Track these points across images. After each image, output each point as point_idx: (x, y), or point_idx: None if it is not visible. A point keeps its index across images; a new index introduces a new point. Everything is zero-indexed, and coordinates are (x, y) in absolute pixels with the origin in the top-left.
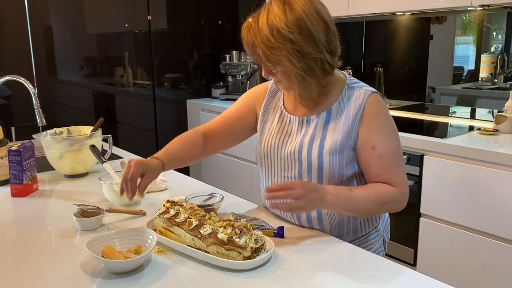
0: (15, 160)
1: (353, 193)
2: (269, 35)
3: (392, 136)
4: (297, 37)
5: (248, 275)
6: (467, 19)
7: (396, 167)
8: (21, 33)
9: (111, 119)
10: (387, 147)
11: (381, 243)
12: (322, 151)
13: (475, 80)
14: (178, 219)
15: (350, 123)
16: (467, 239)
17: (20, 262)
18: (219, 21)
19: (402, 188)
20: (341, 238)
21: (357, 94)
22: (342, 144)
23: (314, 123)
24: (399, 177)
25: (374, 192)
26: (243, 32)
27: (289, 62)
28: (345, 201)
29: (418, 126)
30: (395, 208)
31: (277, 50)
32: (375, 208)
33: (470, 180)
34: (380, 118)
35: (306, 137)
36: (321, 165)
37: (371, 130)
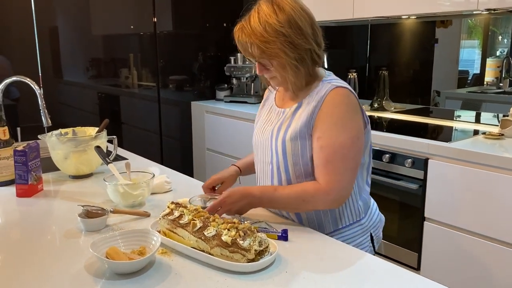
0: (20, 161)
1: (277, 192)
2: (262, 31)
3: (342, 131)
4: (288, 30)
5: (252, 277)
6: (472, 23)
7: (334, 162)
8: (27, 34)
9: (115, 120)
10: (331, 140)
11: (367, 238)
12: (285, 137)
13: (480, 84)
14: (182, 220)
15: (309, 113)
16: (471, 244)
17: (24, 262)
18: (224, 23)
19: (328, 185)
20: (322, 228)
21: (323, 88)
22: (301, 131)
23: (286, 113)
24: (331, 173)
25: (297, 190)
26: (236, 34)
27: (283, 54)
28: (269, 200)
29: (423, 130)
30: (321, 205)
31: (272, 44)
32: (298, 205)
33: (475, 184)
34: (334, 111)
35: (276, 125)
36: (284, 150)
37: (322, 122)
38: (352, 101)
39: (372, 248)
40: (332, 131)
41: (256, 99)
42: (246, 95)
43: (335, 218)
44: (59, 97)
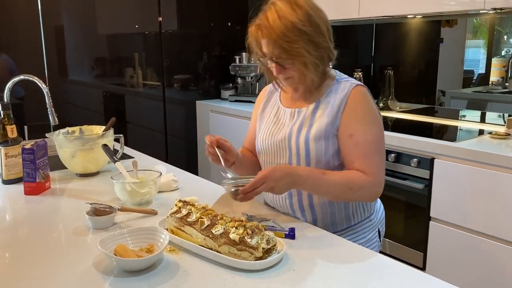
0: (28, 159)
1: (325, 175)
2: (285, 30)
3: (372, 127)
4: (309, 29)
5: (260, 275)
6: (477, 23)
7: (371, 156)
8: (34, 33)
9: (121, 119)
10: (365, 136)
11: (376, 234)
12: (308, 137)
13: (485, 84)
14: (190, 218)
15: (334, 112)
16: (477, 243)
17: (33, 260)
18: (229, 23)
19: (375, 177)
20: (334, 226)
21: (343, 86)
22: (327, 130)
23: (303, 114)
24: (373, 166)
25: (345, 177)
26: (253, 33)
27: (307, 53)
28: (314, 183)
29: (428, 130)
30: (365, 196)
31: (295, 43)
32: (343, 192)
33: (481, 184)
34: (361, 108)
35: (295, 126)
36: (307, 150)
37: (351, 120)
38: (371, 99)
39: (380, 243)
40: (363, 127)
41: None
42: (251, 94)
43: (348, 215)
44: (64, 96)
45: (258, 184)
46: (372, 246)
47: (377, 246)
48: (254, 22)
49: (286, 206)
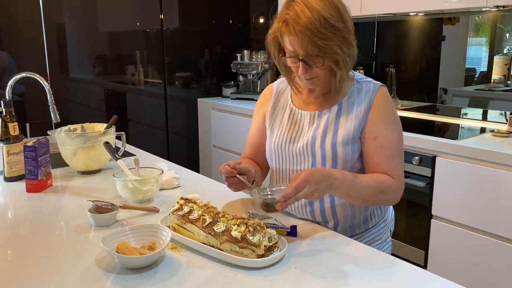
0: (30, 156)
1: (357, 179)
2: (320, 27)
3: (395, 129)
4: (342, 25)
5: (262, 273)
6: (480, 20)
7: (395, 159)
8: (35, 31)
9: (122, 117)
10: (389, 138)
11: (389, 234)
12: (335, 142)
13: (487, 81)
14: (192, 216)
15: (361, 114)
16: (478, 241)
17: (35, 257)
18: (230, 20)
19: (400, 180)
20: (353, 228)
21: (366, 88)
22: (354, 134)
23: (326, 117)
24: (397, 169)
25: (375, 180)
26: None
27: (340, 50)
28: (349, 187)
29: (430, 127)
30: (392, 200)
31: (329, 40)
32: (374, 196)
33: (483, 182)
34: (386, 110)
35: (318, 130)
36: (335, 156)
37: (376, 121)
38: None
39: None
40: (388, 130)
41: None
42: (252, 92)
43: (366, 218)
44: (66, 94)
45: (300, 187)
46: (387, 245)
47: (389, 246)
48: (278, 17)
49: (306, 213)
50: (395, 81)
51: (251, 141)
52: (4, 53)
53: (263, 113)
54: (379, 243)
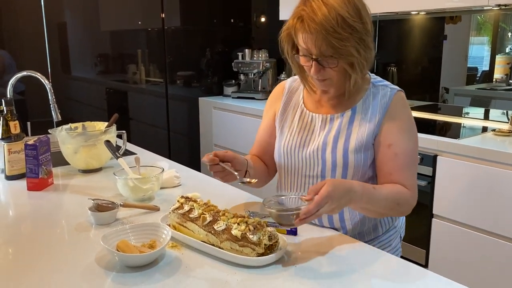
0: (31, 154)
1: (376, 191)
2: (336, 26)
3: (411, 137)
4: (360, 26)
5: (262, 271)
6: (482, 19)
7: (409, 168)
8: (37, 30)
9: (123, 116)
10: (404, 147)
11: (399, 241)
12: (347, 149)
13: (489, 81)
14: (192, 214)
15: (375, 121)
16: (479, 241)
17: (35, 255)
18: (232, 19)
19: (414, 191)
20: (362, 235)
21: (383, 93)
22: (367, 141)
23: (339, 121)
24: (411, 179)
25: (393, 191)
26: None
27: (356, 52)
28: (367, 200)
29: (431, 127)
30: (406, 211)
31: (346, 41)
32: (391, 208)
33: (484, 181)
34: (403, 117)
35: (330, 135)
36: (346, 163)
37: (392, 128)
38: (408, 104)
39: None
40: (404, 138)
41: (263, 95)
42: (253, 91)
43: (375, 225)
44: (67, 93)
45: (322, 203)
46: (396, 252)
47: (399, 252)
48: (294, 13)
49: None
50: (396, 80)
51: (259, 140)
52: (4, 51)
53: (274, 111)
54: (388, 250)
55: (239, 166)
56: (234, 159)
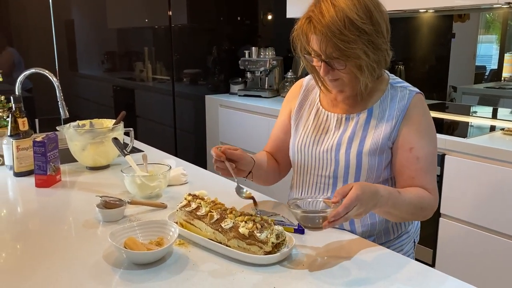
0: (39, 151)
1: (401, 196)
2: (342, 28)
3: (431, 140)
4: (370, 28)
5: (269, 270)
6: (490, 18)
7: (431, 172)
8: (45, 27)
9: (130, 113)
10: (425, 150)
11: (412, 246)
12: (361, 151)
13: (497, 79)
14: (200, 212)
15: (392, 124)
16: (487, 241)
17: (43, 252)
18: (238, 17)
19: (436, 195)
20: (372, 239)
21: (401, 95)
22: (383, 145)
23: (354, 122)
24: (433, 183)
25: (417, 196)
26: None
27: (364, 55)
28: (392, 204)
29: (439, 125)
30: (428, 215)
31: (353, 43)
32: (413, 213)
33: (492, 181)
34: (422, 120)
35: (344, 136)
36: (359, 165)
37: (412, 132)
38: (427, 106)
39: (413, 254)
40: (424, 141)
41: (270, 93)
42: (260, 89)
43: (387, 229)
44: (74, 90)
45: (351, 206)
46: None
47: (412, 258)
48: (304, 13)
49: None
50: (404, 78)
51: (273, 136)
52: (12, 49)
53: (290, 109)
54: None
55: (244, 166)
56: (241, 159)
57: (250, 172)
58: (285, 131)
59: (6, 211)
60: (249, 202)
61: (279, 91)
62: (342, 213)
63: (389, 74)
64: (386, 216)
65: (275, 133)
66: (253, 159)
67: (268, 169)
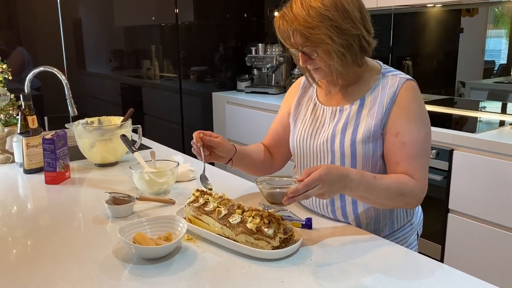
0: (49, 149)
1: (376, 180)
2: (306, 16)
3: (421, 126)
4: (334, 14)
5: (277, 264)
6: (499, 12)
7: (418, 158)
8: (52, 26)
9: (138, 111)
10: (413, 136)
11: (415, 237)
12: (355, 139)
13: (507, 74)
14: (208, 208)
15: (383, 110)
16: (496, 236)
17: (54, 247)
18: (245, 14)
19: (422, 182)
20: (378, 232)
21: (391, 82)
22: (375, 132)
23: (347, 112)
24: (420, 170)
25: (397, 181)
26: (277, 22)
27: (329, 39)
28: (365, 189)
29: (447, 121)
30: (412, 203)
31: (317, 29)
32: (393, 199)
33: (501, 176)
34: (411, 106)
35: (338, 126)
36: (354, 153)
37: (400, 117)
38: (421, 95)
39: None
40: (412, 127)
41: (277, 90)
42: (267, 85)
43: (392, 220)
44: (82, 88)
45: (312, 185)
46: (413, 249)
47: (415, 249)
48: (279, 12)
49: (328, 213)
50: (412, 74)
51: (271, 130)
52: (22, 48)
53: (289, 107)
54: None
55: (223, 153)
56: (219, 146)
57: (231, 159)
58: (283, 127)
59: (17, 208)
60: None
61: (285, 88)
62: (301, 191)
63: (382, 64)
64: (364, 201)
65: (273, 127)
66: (235, 147)
67: (257, 160)
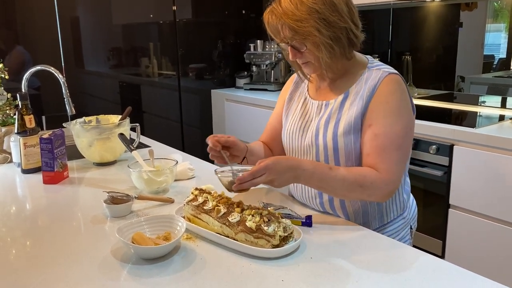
0: (46, 148)
1: (332, 171)
2: (294, 9)
3: (398, 120)
4: (321, 7)
5: (277, 263)
6: (498, 6)
7: (389, 152)
8: (50, 25)
9: (136, 109)
10: (386, 128)
11: (408, 231)
12: (337, 132)
13: (506, 68)
14: (207, 206)
15: (363, 103)
16: (497, 231)
17: (52, 248)
18: (243, 10)
19: (388, 175)
20: (367, 225)
21: (374, 75)
22: (356, 123)
23: (331, 106)
24: (388, 163)
25: (355, 173)
26: (266, 17)
27: (317, 32)
28: (319, 179)
29: (447, 116)
30: (376, 196)
31: (305, 22)
32: (351, 190)
33: (501, 171)
34: (390, 99)
35: (322, 120)
36: (336, 146)
37: (376, 109)
38: (405, 89)
39: (411, 240)
40: (387, 120)
41: (276, 86)
42: (266, 82)
43: (382, 213)
44: (81, 87)
45: (257, 174)
46: (406, 243)
47: (409, 243)
48: (268, 7)
49: (317, 205)
50: (411, 69)
51: (269, 126)
52: (21, 47)
53: (284, 100)
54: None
55: (238, 152)
56: (235, 145)
57: (244, 157)
58: (279, 121)
59: (15, 208)
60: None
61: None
62: (247, 178)
63: (370, 58)
64: (323, 191)
65: (270, 123)
66: (246, 146)
67: (261, 157)
